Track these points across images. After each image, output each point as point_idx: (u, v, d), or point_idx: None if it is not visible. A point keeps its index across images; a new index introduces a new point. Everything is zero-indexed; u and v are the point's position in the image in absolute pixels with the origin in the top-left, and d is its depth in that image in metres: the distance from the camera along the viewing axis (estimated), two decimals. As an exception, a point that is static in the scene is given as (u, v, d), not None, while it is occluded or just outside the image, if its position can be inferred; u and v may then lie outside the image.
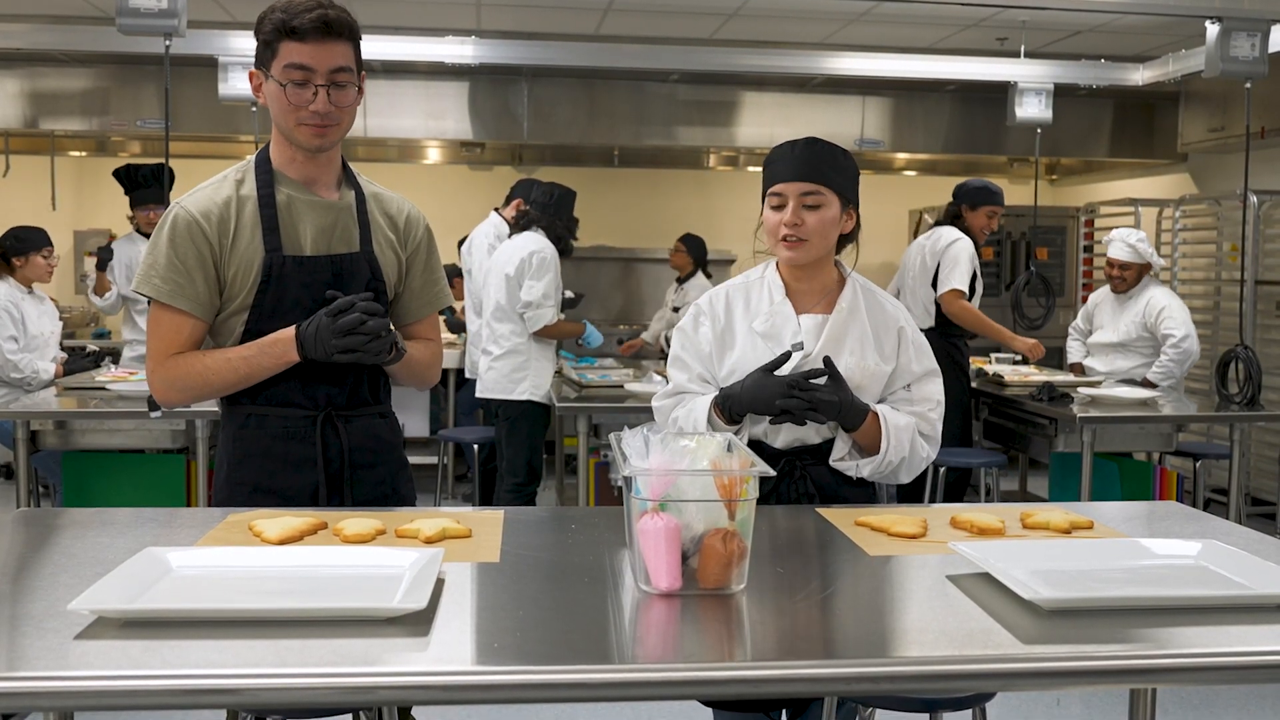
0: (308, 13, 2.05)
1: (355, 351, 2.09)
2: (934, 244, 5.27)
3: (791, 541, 1.99)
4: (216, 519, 1.97)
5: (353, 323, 2.07)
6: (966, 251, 5.19)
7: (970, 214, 5.30)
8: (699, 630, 1.48)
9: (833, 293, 2.36)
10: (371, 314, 2.09)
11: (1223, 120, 6.90)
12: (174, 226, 2.13)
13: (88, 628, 1.37)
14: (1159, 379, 5.14)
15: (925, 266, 5.26)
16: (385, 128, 7.30)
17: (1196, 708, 3.63)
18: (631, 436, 1.64)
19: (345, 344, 2.07)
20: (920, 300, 5.26)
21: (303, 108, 2.09)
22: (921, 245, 5.34)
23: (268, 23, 2.08)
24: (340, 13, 2.10)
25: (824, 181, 2.26)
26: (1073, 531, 1.96)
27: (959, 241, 5.20)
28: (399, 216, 2.31)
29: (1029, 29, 6.20)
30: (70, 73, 7.09)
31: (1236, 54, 4.68)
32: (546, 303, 4.76)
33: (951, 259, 5.18)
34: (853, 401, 2.23)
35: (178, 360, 2.15)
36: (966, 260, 5.18)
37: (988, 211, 5.31)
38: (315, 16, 2.05)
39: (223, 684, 1.25)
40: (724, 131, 7.70)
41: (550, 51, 6.04)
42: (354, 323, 2.07)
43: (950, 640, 1.41)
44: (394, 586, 1.52)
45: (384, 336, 2.10)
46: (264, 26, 2.09)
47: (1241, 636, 1.42)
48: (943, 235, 5.27)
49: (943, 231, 5.29)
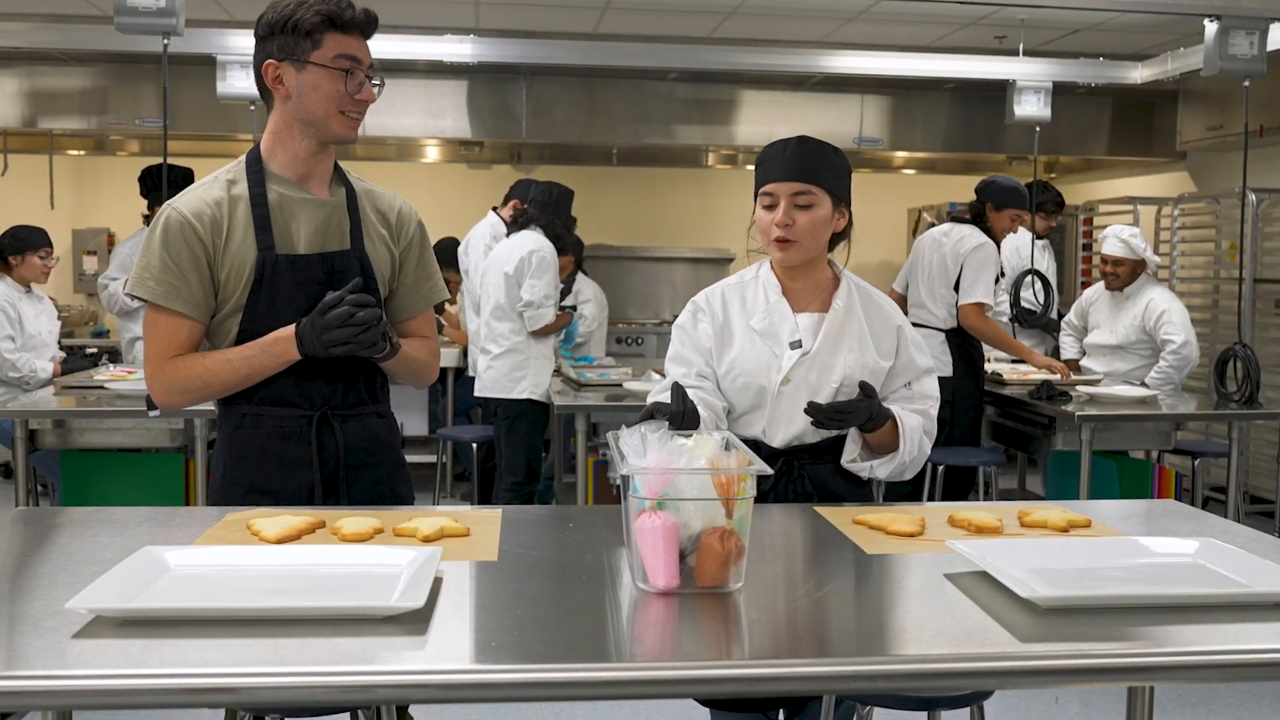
0: (352, 8, 2.13)
1: (348, 344, 2.09)
2: (955, 245, 4.95)
3: (789, 540, 1.99)
4: (214, 518, 1.97)
5: (343, 315, 2.07)
6: (992, 259, 4.90)
7: (994, 215, 4.97)
8: (697, 629, 1.48)
9: (827, 291, 2.36)
10: (362, 305, 2.10)
11: (1221, 118, 6.90)
12: (166, 228, 2.13)
13: (85, 627, 1.37)
14: (1157, 385, 5.04)
15: (946, 268, 4.95)
16: (384, 126, 7.29)
17: (1194, 706, 3.63)
18: (629, 435, 1.64)
19: (337, 336, 2.07)
20: (942, 301, 4.97)
21: (350, 96, 2.12)
22: (939, 243, 5.02)
23: (309, 13, 2.09)
24: (374, 12, 2.17)
25: (815, 181, 2.25)
26: (1070, 530, 1.96)
27: (984, 247, 4.90)
28: (390, 212, 2.31)
29: (1027, 27, 6.19)
30: (69, 71, 7.08)
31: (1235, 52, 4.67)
32: (547, 303, 4.76)
33: (976, 266, 4.88)
34: (882, 409, 2.24)
35: (177, 363, 2.15)
36: (991, 269, 4.90)
37: (1011, 214, 4.98)
38: (362, 11, 2.14)
39: (220, 683, 1.25)
40: (722, 130, 7.70)
41: (549, 50, 6.04)
42: (344, 315, 2.07)
43: (948, 639, 1.41)
44: (392, 585, 1.52)
45: (376, 326, 2.10)
46: (302, 16, 2.09)
47: (1239, 635, 1.42)
48: (965, 237, 4.95)
49: (965, 232, 4.97)
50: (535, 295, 4.73)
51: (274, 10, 2.12)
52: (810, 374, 2.29)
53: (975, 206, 5.05)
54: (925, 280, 5.05)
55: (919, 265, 5.09)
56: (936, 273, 5.00)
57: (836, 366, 2.29)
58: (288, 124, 2.17)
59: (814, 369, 2.29)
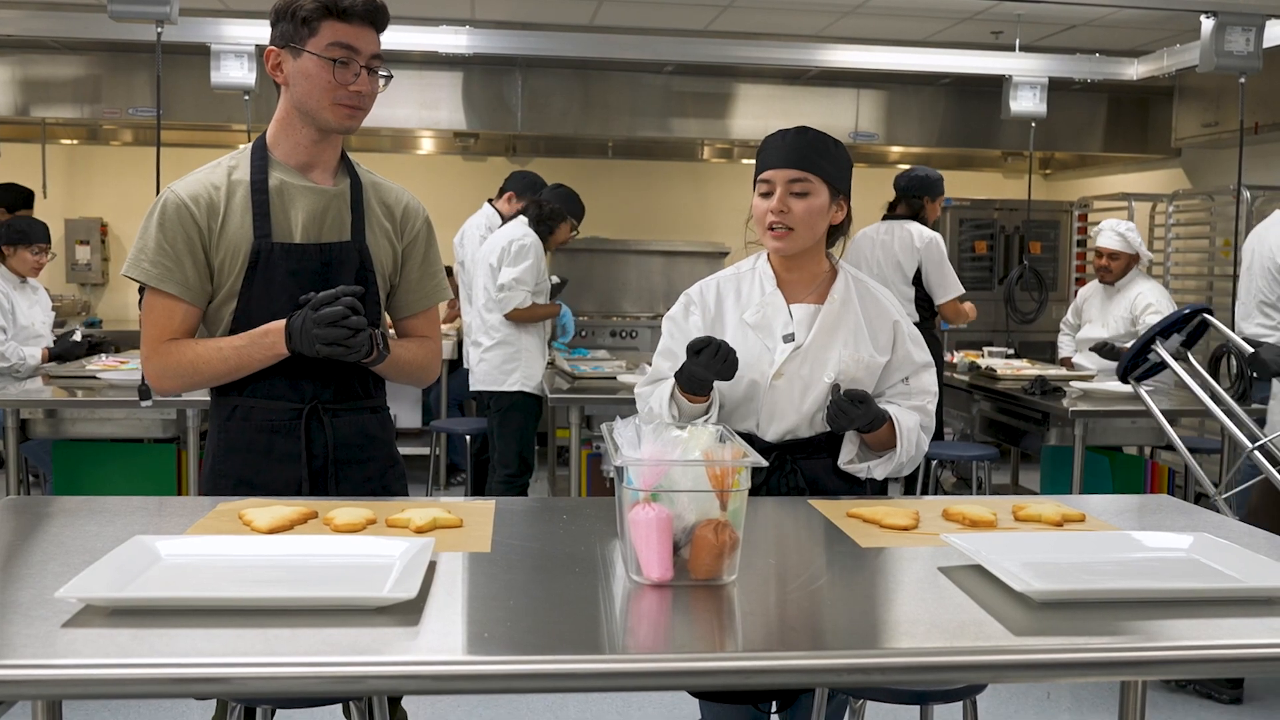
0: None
1: (336, 345, 2.05)
2: (905, 241, 5.14)
3: (783, 533, 1.98)
4: (206, 508, 1.96)
5: (337, 314, 2.04)
6: (943, 249, 5.16)
7: (930, 205, 5.24)
8: (690, 621, 1.48)
9: (824, 283, 2.35)
10: (355, 310, 2.06)
11: (1216, 115, 6.91)
12: (163, 211, 2.12)
13: (75, 616, 1.36)
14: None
15: (900, 265, 5.14)
16: (378, 117, 7.19)
17: (1187, 700, 3.64)
18: (623, 427, 1.63)
19: (328, 335, 2.04)
20: (901, 296, 5.09)
21: (343, 87, 2.09)
22: (884, 242, 5.19)
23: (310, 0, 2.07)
24: (381, 2, 2.13)
25: (813, 169, 2.24)
26: (1064, 524, 1.96)
27: (936, 240, 5.14)
28: (397, 206, 2.29)
29: (1024, 23, 6.20)
30: (62, 60, 7.05)
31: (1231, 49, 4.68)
32: (519, 287, 4.75)
33: (936, 260, 5.11)
34: (879, 413, 2.24)
35: (170, 347, 2.14)
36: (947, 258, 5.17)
37: (941, 201, 5.28)
38: (365, 1, 2.10)
39: (210, 673, 1.24)
40: (718, 123, 7.69)
41: (544, 42, 6.03)
42: (338, 314, 2.04)
43: (941, 632, 1.41)
44: (384, 576, 1.51)
45: (366, 331, 2.07)
46: (302, 2, 2.07)
47: (1232, 629, 1.42)
48: (914, 232, 5.15)
49: (913, 228, 5.16)
50: (505, 279, 4.73)
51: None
52: (803, 368, 2.28)
53: (914, 202, 5.24)
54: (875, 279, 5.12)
55: (863, 265, 5.21)
56: (889, 270, 5.17)
57: (830, 360, 2.28)
58: (289, 112, 2.16)
59: (807, 362, 2.28)
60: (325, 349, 2.06)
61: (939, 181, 5.27)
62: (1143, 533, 1.81)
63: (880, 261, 5.19)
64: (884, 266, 5.18)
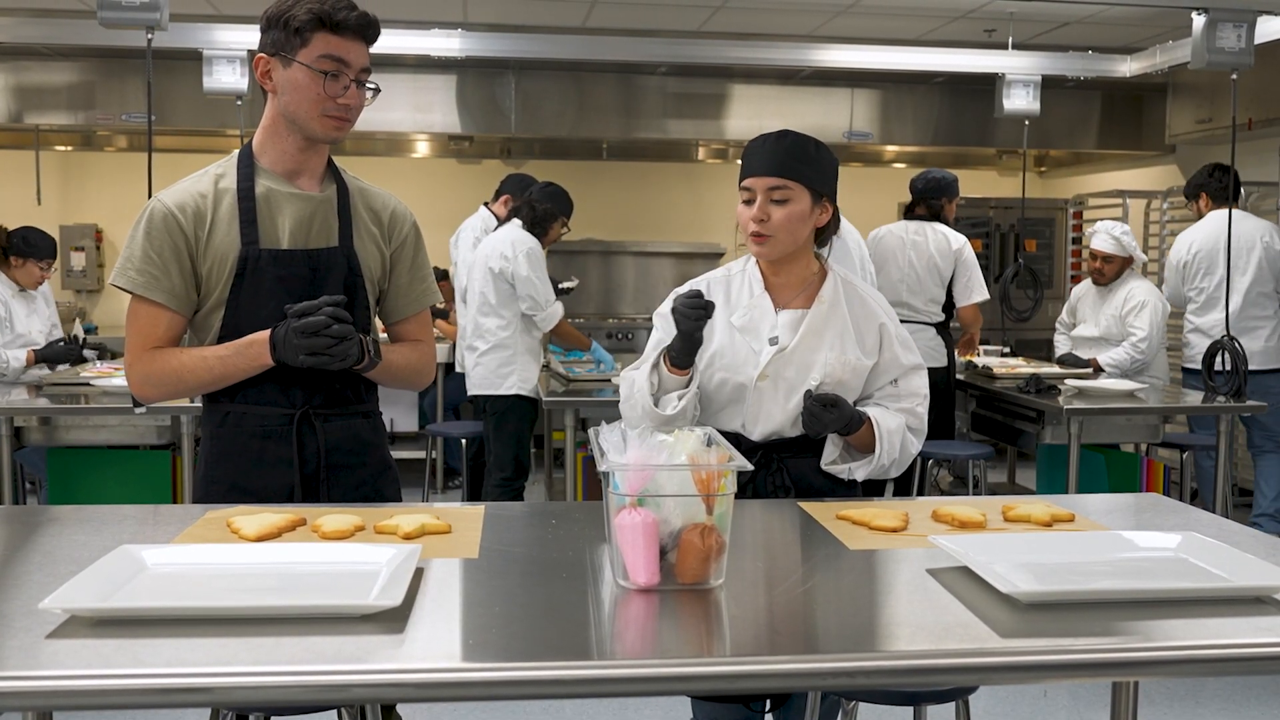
0: (349, 10, 2.09)
1: (320, 355, 2.05)
2: (940, 244, 5.10)
3: (771, 536, 1.98)
4: (196, 516, 1.96)
5: (319, 323, 2.03)
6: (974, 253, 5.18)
7: (949, 206, 5.24)
8: (678, 625, 1.47)
9: (813, 286, 2.35)
10: (338, 319, 2.05)
11: (1210, 111, 6.91)
12: (150, 219, 2.12)
13: (60, 627, 1.36)
14: (1106, 364, 5.18)
15: (938, 268, 5.10)
16: (372, 121, 7.23)
17: (1182, 699, 3.64)
18: (609, 431, 1.63)
19: (310, 344, 2.03)
20: (932, 298, 5.12)
21: (332, 99, 2.09)
22: (916, 243, 5.14)
23: (301, 10, 2.07)
24: (374, 16, 2.13)
25: (791, 175, 2.24)
26: (1054, 525, 1.96)
27: (968, 246, 5.15)
28: (384, 212, 2.29)
29: (1017, 21, 6.20)
30: (54, 66, 7.04)
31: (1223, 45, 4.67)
32: (553, 298, 4.79)
33: (970, 263, 5.11)
34: (855, 415, 2.24)
35: (154, 356, 2.13)
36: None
37: (957, 201, 5.30)
38: (358, 15, 2.10)
39: (194, 683, 1.24)
40: (712, 124, 7.69)
41: (538, 44, 6.02)
42: (320, 324, 2.03)
43: (929, 634, 1.41)
44: (370, 583, 1.51)
45: (350, 339, 2.07)
46: (294, 13, 2.07)
47: (1220, 629, 1.42)
48: (948, 236, 5.12)
49: (947, 233, 5.14)
50: (539, 294, 4.72)
51: (275, 4, 2.11)
52: (788, 370, 2.28)
53: (934, 204, 5.21)
54: (907, 279, 5.17)
55: (891, 264, 5.16)
56: (923, 272, 5.13)
57: (816, 363, 2.28)
58: (276, 119, 2.16)
59: (792, 365, 2.28)
60: (308, 359, 2.05)
61: (954, 183, 5.27)
62: (1131, 533, 1.81)
63: (913, 262, 5.13)
64: (917, 267, 5.13)
